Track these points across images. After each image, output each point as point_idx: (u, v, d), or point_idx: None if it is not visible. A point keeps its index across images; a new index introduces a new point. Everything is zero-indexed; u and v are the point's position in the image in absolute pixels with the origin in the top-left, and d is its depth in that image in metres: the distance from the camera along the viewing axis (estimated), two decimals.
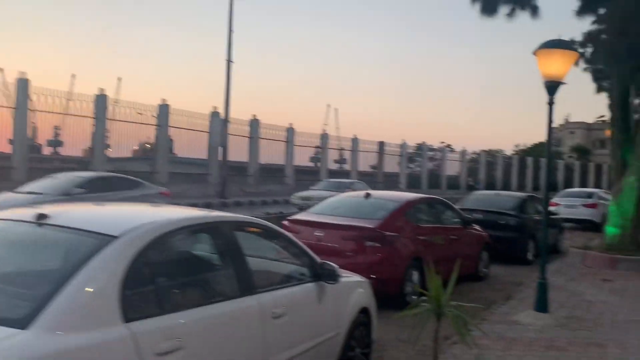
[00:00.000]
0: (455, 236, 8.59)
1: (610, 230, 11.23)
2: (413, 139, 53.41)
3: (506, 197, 12.50)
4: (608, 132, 15.02)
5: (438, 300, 3.38)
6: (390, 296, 6.74)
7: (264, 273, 3.77)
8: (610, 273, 9.84)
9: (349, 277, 4.59)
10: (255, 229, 3.76)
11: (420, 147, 39.60)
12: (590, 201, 19.26)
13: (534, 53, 6.31)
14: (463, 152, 42.54)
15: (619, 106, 11.76)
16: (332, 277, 3.93)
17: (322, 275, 3.94)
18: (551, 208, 14.06)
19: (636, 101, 16.09)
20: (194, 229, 3.17)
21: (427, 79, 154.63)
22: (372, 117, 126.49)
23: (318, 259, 4.07)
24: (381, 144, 36.06)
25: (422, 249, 7.48)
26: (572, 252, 11.35)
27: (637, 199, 10.88)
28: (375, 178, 35.37)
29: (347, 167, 34.64)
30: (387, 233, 6.99)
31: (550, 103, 6.32)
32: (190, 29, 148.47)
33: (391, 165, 37.32)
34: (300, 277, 3.92)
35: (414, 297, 6.34)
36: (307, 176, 30.72)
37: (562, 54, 6.06)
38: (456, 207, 9.95)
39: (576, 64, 12.55)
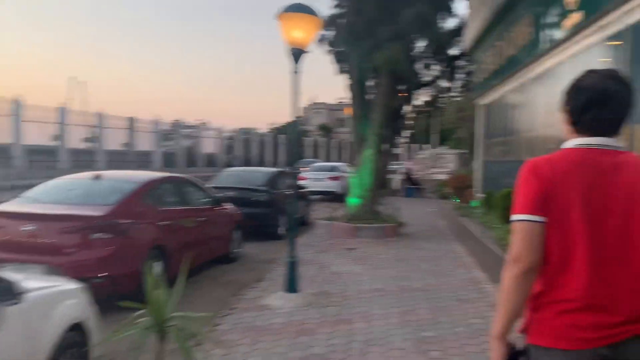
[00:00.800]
0: (204, 218, 7.92)
1: (351, 200, 11.94)
2: (171, 116, 51.38)
3: (257, 173, 12.34)
4: (347, 111, 16.14)
5: (159, 316, 2.55)
6: (127, 295, 5.72)
7: None
8: (353, 242, 10.39)
9: (49, 288, 3.45)
10: None
11: (176, 124, 37.99)
12: (333, 174, 20.79)
13: (278, 17, 5.88)
14: (220, 130, 42.32)
15: (357, 85, 12.51)
16: (9, 295, 2.78)
17: None
18: (300, 182, 14.50)
19: (369, 83, 17.64)
20: None
21: (184, 56, 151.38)
22: (129, 93, 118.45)
23: None
24: (131, 120, 33.34)
25: (165, 235, 6.60)
26: (320, 224, 11.76)
27: (374, 170, 11.76)
28: (126, 157, 32.65)
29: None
30: (120, 221, 5.88)
31: (295, 72, 5.99)
32: None
33: (146, 144, 34.91)
34: None
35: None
36: (45, 157, 26.80)
37: (306, 18, 5.74)
38: (206, 185, 9.29)
39: (320, 40, 12.93)
